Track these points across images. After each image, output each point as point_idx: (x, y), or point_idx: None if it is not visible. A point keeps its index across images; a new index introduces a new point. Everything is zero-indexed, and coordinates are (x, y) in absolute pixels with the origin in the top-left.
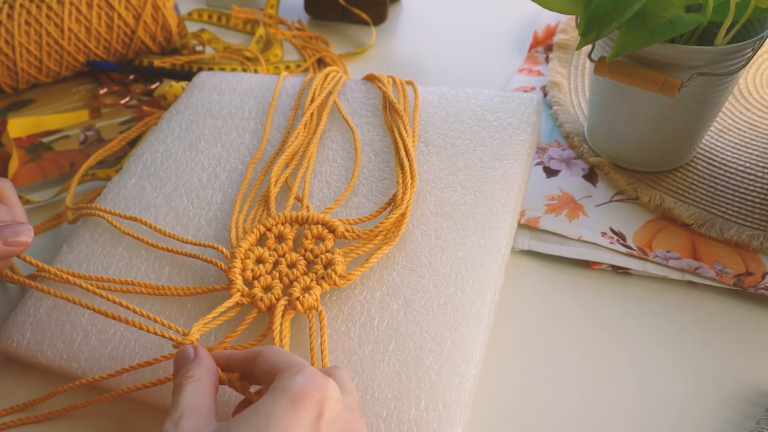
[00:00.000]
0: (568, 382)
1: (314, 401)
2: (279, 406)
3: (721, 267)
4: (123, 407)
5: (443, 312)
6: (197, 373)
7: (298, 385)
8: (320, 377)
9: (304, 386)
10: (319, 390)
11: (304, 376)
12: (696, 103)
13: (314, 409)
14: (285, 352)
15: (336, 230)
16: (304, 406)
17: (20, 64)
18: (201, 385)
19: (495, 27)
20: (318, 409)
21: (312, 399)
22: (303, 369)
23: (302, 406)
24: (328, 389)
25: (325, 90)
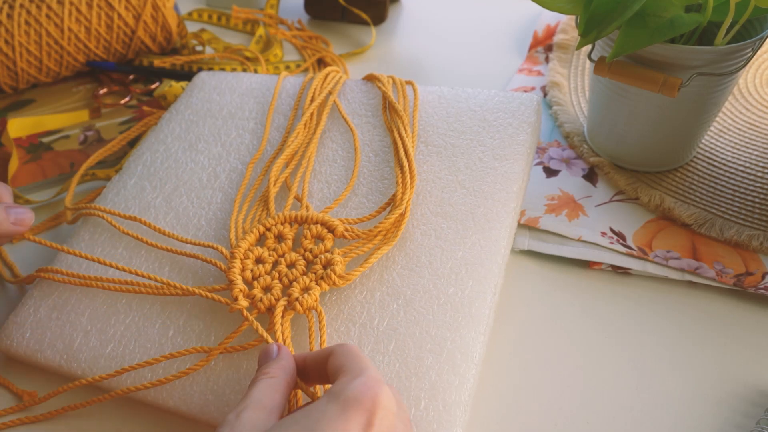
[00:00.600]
0: (568, 382)
1: (365, 409)
2: (329, 411)
3: (721, 267)
4: (124, 407)
5: (443, 312)
6: (273, 371)
7: (352, 391)
8: (377, 384)
9: (357, 392)
10: (372, 398)
11: (361, 381)
12: (696, 103)
13: (364, 417)
14: (353, 353)
15: (335, 230)
16: (354, 413)
17: (20, 64)
18: (274, 382)
19: (495, 27)
20: (368, 417)
21: (363, 406)
22: (362, 373)
23: (352, 412)
24: (381, 398)
25: (325, 90)
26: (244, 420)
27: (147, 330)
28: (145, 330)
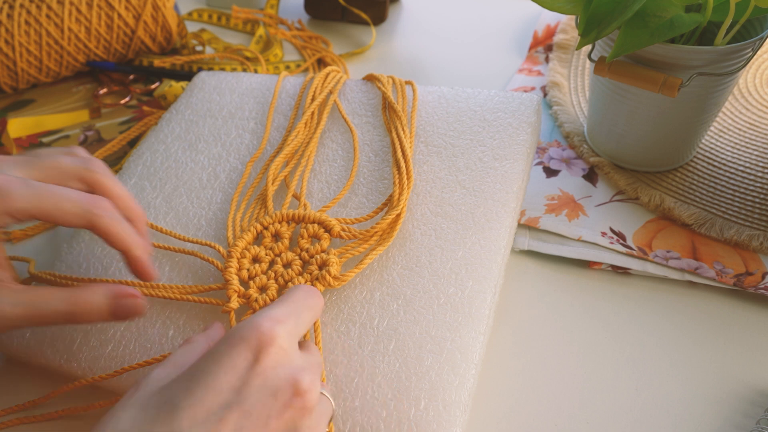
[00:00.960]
0: (568, 382)
1: (250, 345)
2: (218, 350)
3: (721, 267)
4: None
5: (443, 312)
6: (195, 337)
7: (240, 329)
8: (268, 321)
9: (244, 330)
10: (259, 335)
11: (252, 320)
12: (696, 103)
13: (251, 353)
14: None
15: (332, 230)
16: (239, 349)
17: (20, 64)
18: (193, 346)
19: (495, 27)
20: (255, 353)
21: (248, 343)
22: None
23: (238, 349)
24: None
25: (325, 89)
26: (152, 376)
27: (147, 330)
28: (145, 330)
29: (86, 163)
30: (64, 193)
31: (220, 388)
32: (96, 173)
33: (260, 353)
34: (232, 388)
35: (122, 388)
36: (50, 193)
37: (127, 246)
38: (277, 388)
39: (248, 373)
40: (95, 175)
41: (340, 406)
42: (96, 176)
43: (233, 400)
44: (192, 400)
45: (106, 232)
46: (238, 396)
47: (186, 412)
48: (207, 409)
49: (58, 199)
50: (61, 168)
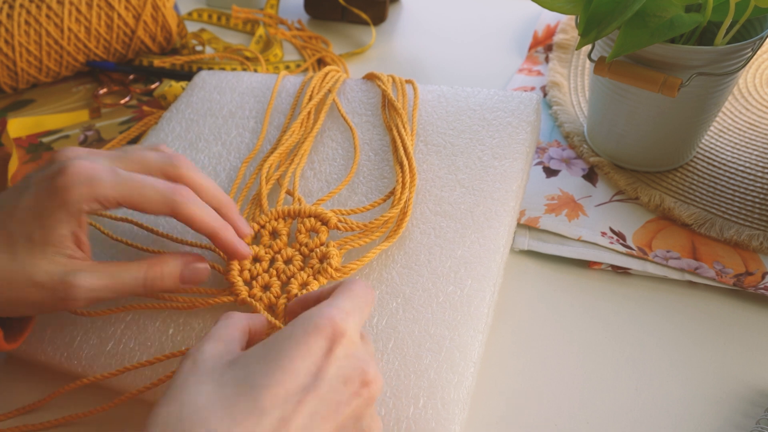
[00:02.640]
0: (568, 381)
1: (326, 336)
2: (294, 335)
3: (721, 267)
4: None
5: (442, 310)
6: (235, 313)
7: (316, 318)
8: (342, 313)
9: (321, 319)
10: (334, 326)
11: (327, 310)
12: (696, 103)
13: (326, 343)
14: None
15: (328, 221)
16: (315, 338)
17: (20, 64)
18: (233, 320)
19: (495, 27)
20: (329, 344)
21: (324, 333)
22: (332, 303)
23: (314, 337)
24: (344, 327)
25: (324, 89)
26: (204, 351)
27: (147, 328)
28: (145, 328)
29: (170, 158)
30: (147, 181)
31: (298, 372)
32: (179, 168)
33: (334, 343)
34: (309, 372)
35: (123, 387)
36: (135, 181)
37: (212, 229)
38: (348, 377)
39: (323, 360)
40: (179, 169)
41: None
42: (179, 171)
43: (311, 384)
44: (271, 381)
45: (189, 217)
46: (314, 381)
47: (267, 391)
48: (287, 391)
49: (142, 186)
50: (146, 162)
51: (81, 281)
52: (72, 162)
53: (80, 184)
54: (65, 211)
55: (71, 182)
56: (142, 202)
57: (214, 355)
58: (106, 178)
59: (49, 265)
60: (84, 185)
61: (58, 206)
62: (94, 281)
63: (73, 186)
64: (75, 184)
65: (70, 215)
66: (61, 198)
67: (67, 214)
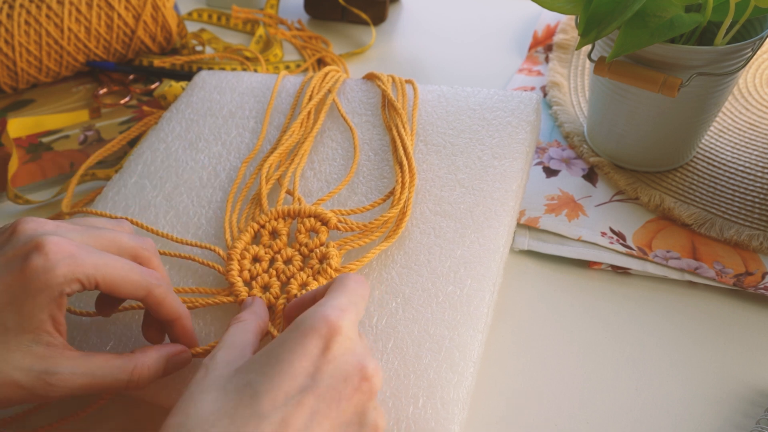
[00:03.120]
0: (568, 381)
1: (321, 335)
2: (290, 338)
3: (721, 267)
4: (122, 405)
5: (442, 310)
6: (243, 316)
7: (310, 319)
8: (335, 311)
9: (315, 320)
10: (329, 325)
11: (320, 310)
12: (696, 103)
13: (321, 342)
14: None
15: (328, 222)
16: (311, 339)
17: (20, 64)
18: (243, 325)
19: (495, 27)
20: (325, 342)
21: (319, 332)
22: (326, 302)
23: (309, 338)
24: (339, 324)
25: (323, 89)
26: (218, 359)
27: None
28: None
29: (143, 243)
30: (128, 264)
31: (296, 373)
32: (151, 254)
33: (330, 341)
34: (306, 373)
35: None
36: (116, 262)
37: (179, 314)
38: (347, 373)
39: (320, 359)
40: (150, 255)
41: None
42: (151, 256)
43: (308, 385)
44: (271, 385)
45: (161, 302)
46: (312, 381)
47: (266, 396)
48: (285, 393)
49: (122, 269)
50: (119, 243)
51: (59, 380)
52: (47, 238)
53: (62, 265)
54: (46, 294)
55: (52, 262)
56: (122, 285)
57: (226, 363)
58: (87, 258)
59: (24, 359)
60: (66, 265)
61: (37, 290)
62: (74, 380)
63: (56, 267)
64: (57, 265)
65: (50, 299)
66: (41, 281)
67: (47, 298)
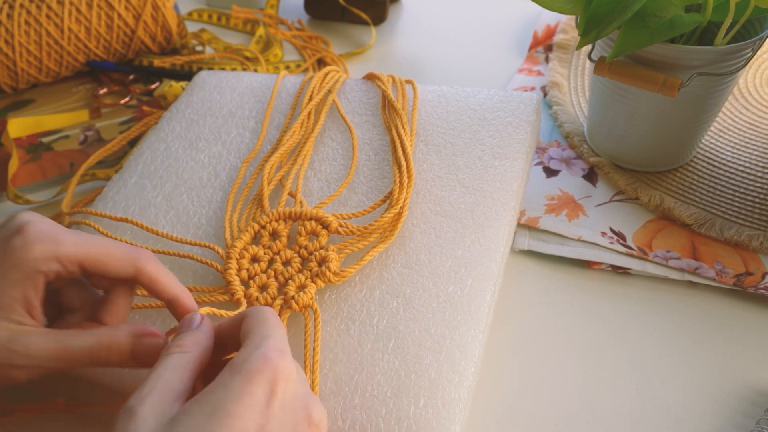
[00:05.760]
0: (568, 381)
1: (266, 379)
2: (233, 385)
3: (721, 267)
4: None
5: (442, 310)
6: (187, 344)
7: (253, 362)
8: (276, 353)
9: (258, 363)
10: (273, 368)
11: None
12: (696, 103)
13: (267, 387)
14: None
15: (329, 225)
16: (257, 385)
17: (20, 64)
18: (186, 358)
19: (495, 27)
20: (271, 387)
21: (265, 377)
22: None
23: (255, 384)
24: (282, 366)
25: (324, 89)
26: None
27: None
28: None
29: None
30: (111, 241)
31: (245, 428)
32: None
33: (275, 387)
34: (256, 426)
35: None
36: (98, 240)
37: (175, 294)
38: (296, 421)
39: (268, 408)
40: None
41: (340, 403)
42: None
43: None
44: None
45: (154, 278)
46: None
47: None
48: None
49: (106, 245)
50: None
51: (23, 347)
52: (31, 222)
53: (40, 242)
54: (20, 271)
55: (30, 240)
56: (107, 262)
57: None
58: (67, 238)
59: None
60: (44, 243)
61: (12, 265)
62: (39, 347)
63: (33, 244)
64: (34, 242)
65: (25, 276)
66: (17, 257)
67: (21, 275)
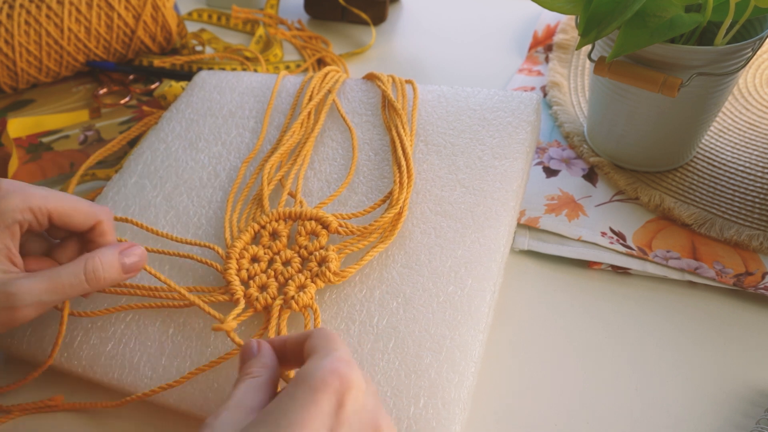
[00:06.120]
0: (568, 381)
1: (334, 390)
2: (298, 395)
3: (721, 267)
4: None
5: (442, 310)
6: (255, 370)
7: (320, 372)
8: (344, 364)
9: (325, 373)
10: (341, 378)
11: (328, 362)
12: (696, 103)
13: (335, 398)
14: (327, 335)
15: (329, 225)
16: (323, 395)
17: (20, 64)
18: (257, 382)
19: (495, 27)
20: (339, 398)
21: (332, 387)
22: (329, 354)
23: (321, 394)
24: (350, 377)
25: (323, 89)
26: (222, 421)
27: (147, 328)
28: (146, 328)
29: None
30: (75, 197)
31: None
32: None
33: (344, 398)
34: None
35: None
36: (64, 195)
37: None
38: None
39: (334, 419)
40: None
41: None
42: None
43: None
44: None
45: (104, 232)
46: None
47: None
48: None
49: (71, 199)
50: None
51: (19, 288)
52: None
53: (14, 195)
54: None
55: (4, 192)
56: (73, 215)
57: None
58: (37, 191)
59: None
60: (18, 195)
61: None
62: (33, 285)
63: (8, 196)
64: (9, 194)
65: (4, 226)
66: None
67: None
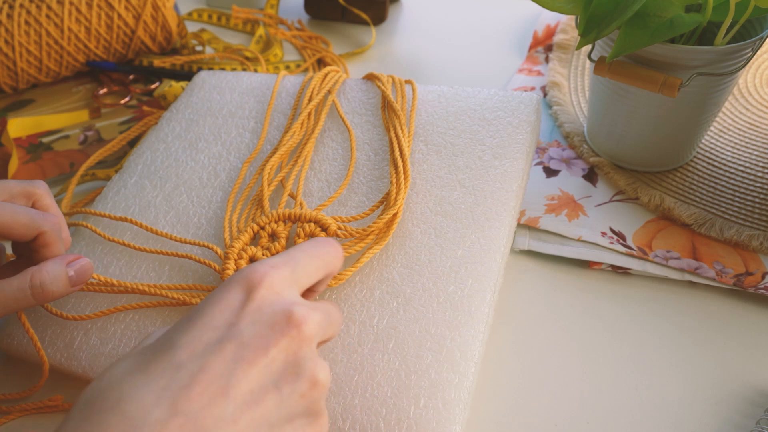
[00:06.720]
0: (568, 381)
1: (242, 287)
2: (212, 294)
3: (721, 267)
4: None
5: (443, 310)
6: None
7: (234, 275)
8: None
9: (238, 275)
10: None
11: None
12: (696, 103)
13: (242, 293)
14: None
15: (328, 228)
16: (229, 292)
17: (20, 64)
18: None
19: (495, 27)
20: (247, 293)
21: (240, 284)
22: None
23: (227, 292)
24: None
25: (323, 89)
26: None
27: (147, 328)
28: (146, 328)
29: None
30: (16, 207)
31: (216, 324)
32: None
33: (252, 292)
34: (226, 323)
35: None
36: (5, 206)
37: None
38: (273, 320)
39: (241, 310)
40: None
41: (340, 404)
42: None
43: (228, 334)
44: (189, 338)
45: (47, 243)
46: (232, 330)
47: (184, 347)
48: (204, 343)
49: (11, 210)
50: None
51: None
52: None
53: None
54: None
55: None
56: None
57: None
58: None
59: None
60: None
61: None
62: None
63: None
64: None
65: None
66: None
67: None
